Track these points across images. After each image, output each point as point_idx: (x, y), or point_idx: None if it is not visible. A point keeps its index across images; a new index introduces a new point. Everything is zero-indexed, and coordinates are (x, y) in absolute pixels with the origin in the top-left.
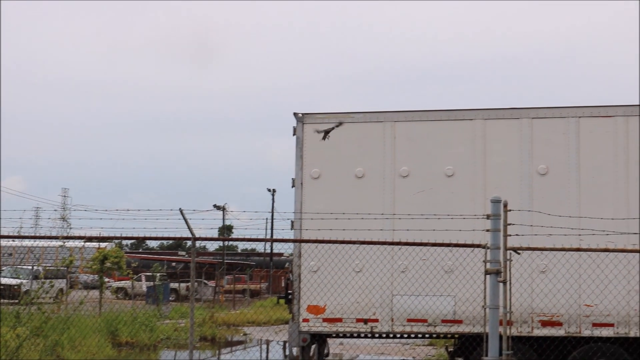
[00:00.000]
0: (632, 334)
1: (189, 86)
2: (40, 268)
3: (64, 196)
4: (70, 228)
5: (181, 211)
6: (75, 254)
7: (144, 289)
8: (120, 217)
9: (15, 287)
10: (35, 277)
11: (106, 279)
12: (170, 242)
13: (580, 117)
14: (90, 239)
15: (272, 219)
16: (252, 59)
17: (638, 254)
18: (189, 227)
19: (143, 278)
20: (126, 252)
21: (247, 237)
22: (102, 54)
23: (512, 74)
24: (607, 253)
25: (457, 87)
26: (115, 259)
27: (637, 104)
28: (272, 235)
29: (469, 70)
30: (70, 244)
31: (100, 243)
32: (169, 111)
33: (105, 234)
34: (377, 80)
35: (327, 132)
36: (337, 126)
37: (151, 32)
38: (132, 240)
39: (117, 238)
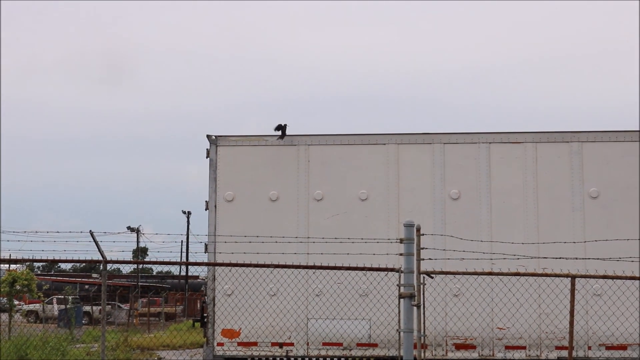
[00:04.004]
0: (543, 357)
1: (101, 106)
2: None
3: None
4: None
5: (91, 233)
6: None
7: (56, 312)
8: (28, 239)
9: None
10: None
11: (16, 302)
12: (84, 264)
13: (491, 143)
14: None
15: (188, 241)
16: (165, 80)
17: (550, 277)
18: (99, 250)
19: (55, 301)
20: (37, 275)
21: (160, 260)
22: (10, 73)
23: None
24: (519, 277)
25: (374, 112)
26: (25, 282)
27: (546, 130)
28: (187, 258)
29: (386, 97)
30: None
31: (10, 265)
32: (81, 132)
33: (14, 256)
34: (293, 104)
35: (282, 129)
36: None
37: (61, 52)
38: (44, 263)
39: (25, 261)
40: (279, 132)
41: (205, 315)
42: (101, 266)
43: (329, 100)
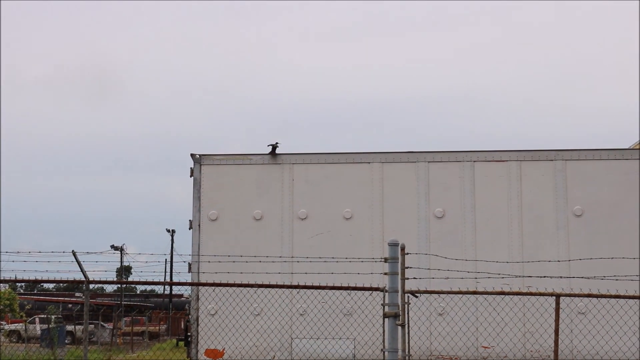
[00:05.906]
0: None
1: (85, 124)
2: None
3: None
4: None
5: (74, 253)
6: None
7: (39, 331)
8: (10, 258)
9: None
10: None
11: None
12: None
13: (475, 161)
14: None
15: (172, 260)
16: (150, 98)
17: (535, 296)
18: (82, 270)
19: (37, 320)
20: (20, 294)
21: (143, 280)
22: None
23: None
24: (503, 296)
25: (363, 129)
26: (8, 301)
27: (530, 149)
28: (171, 277)
29: (375, 112)
30: None
31: None
32: (64, 149)
33: None
34: (279, 122)
35: (274, 147)
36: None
37: (45, 68)
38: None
39: (7, 281)
40: (271, 150)
41: (189, 334)
42: (84, 286)
43: (316, 117)
